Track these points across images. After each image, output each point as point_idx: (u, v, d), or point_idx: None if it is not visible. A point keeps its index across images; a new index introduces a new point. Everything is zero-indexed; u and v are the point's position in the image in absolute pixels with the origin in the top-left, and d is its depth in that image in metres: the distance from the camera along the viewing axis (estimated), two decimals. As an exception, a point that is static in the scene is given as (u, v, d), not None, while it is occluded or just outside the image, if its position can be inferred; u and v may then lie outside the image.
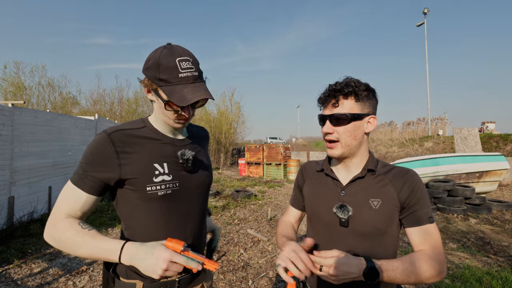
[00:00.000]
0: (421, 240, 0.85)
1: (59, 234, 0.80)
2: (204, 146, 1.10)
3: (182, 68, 0.81)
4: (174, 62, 0.80)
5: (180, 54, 0.82)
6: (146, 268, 0.75)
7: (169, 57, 0.81)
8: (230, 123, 18.54)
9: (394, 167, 0.94)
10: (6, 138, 4.31)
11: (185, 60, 0.82)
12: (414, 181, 0.88)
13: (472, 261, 3.35)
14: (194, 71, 0.83)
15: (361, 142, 0.91)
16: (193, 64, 0.84)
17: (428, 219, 0.86)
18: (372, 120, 0.91)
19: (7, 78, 13.60)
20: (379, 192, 0.88)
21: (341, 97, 0.88)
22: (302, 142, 39.47)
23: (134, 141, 0.89)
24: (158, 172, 0.88)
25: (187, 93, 0.81)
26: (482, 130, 19.30)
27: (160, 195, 0.88)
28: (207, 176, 1.04)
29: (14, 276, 3.02)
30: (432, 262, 0.79)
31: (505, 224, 4.96)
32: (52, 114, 5.53)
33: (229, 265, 3.33)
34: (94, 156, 0.83)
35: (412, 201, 0.86)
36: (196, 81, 0.84)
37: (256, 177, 12.54)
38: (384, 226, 0.87)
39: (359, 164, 0.94)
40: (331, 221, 0.91)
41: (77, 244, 0.79)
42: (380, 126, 22.09)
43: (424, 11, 20.35)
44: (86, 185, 0.83)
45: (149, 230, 0.90)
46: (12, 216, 4.39)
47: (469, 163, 6.62)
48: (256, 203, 6.80)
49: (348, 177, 0.95)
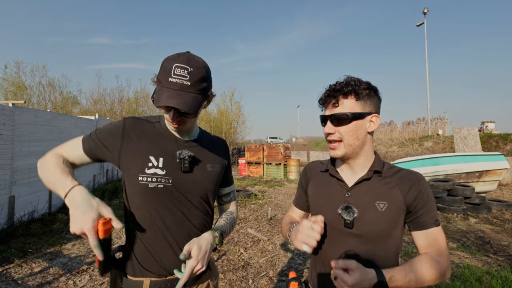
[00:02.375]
0: (427, 243, 0.85)
1: (46, 161, 0.92)
2: (215, 153, 1.10)
3: (175, 74, 0.83)
4: (171, 67, 0.83)
5: (182, 61, 0.84)
6: (71, 218, 0.76)
7: (171, 61, 0.85)
8: (230, 123, 18.57)
9: (401, 170, 0.92)
10: (7, 137, 4.31)
11: (182, 68, 0.83)
12: (421, 184, 0.87)
13: (472, 260, 3.36)
14: (186, 80, 0.83)
15: (364, 142, 0.90)
16: (189, 74, 0.84)
17: (434, 222, 0.85)
18: (374, 119, 0.89)
19: (7, 78, 13.63)
20: (385, 194, 0.87)
21: (341, 97, 0.86)
22: (302, 141, 39.49)
23: (142, 131, 0.97)
24: (151, 164, 0.92)
25: (164, 96, 0.83)
26: (482, 130, 19.31)
27: (150, 187, 0.91)
28: (208, 182, 1.02)
29: (15, 275, 3.03)
30: (436, 266, 0.80)
31: (504, 224, 4.98)
32: (53, 113, 5.55)
33: (229, 265, 3.34)
34: (107, 128, 0.97)
35: (418, 205, 0.85)
36: (182, 90, 0.84)
37: (256, 176, 12.56)
38: (389, 229, 0.86)
39: (364, 165, 0.92)
40: (336, 222, 0.90)
41: (50, 172, 0.88)
42: (380, 125, 22.04)
43: (424, 11, 20.38)
44: (87, 145, 0.95)
45: (141, 218, 0.94)
46: (13, 215, 4.40)
47: (469, 163, 6.63)
48: (256, 203, 6.81)
49: (353, 178, 0.93)
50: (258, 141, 36.67)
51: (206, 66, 0.90)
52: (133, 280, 0.92)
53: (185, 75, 0.84)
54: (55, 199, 5.56)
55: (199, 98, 0.88)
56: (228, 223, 1.09)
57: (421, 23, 20.91)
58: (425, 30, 20.62)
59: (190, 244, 0.85)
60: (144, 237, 0.93)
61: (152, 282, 0.91)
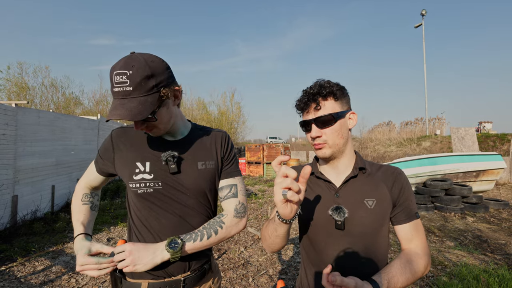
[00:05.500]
0: (410, 236, 0.87)
1: (72, 202, 1.09)
2: (207, 149, 1.03)
3: (116, 82, 0.78)
4: (112, 76, 0.79)
5: (119, 67, 0.78)
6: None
7: (112, 69, 0.80)
8: (230, 123, 18.61)
9: (382, 166, 0.94)
10: (10, 137, 4.34)
11: (120, 74, 0.77)
12: (402, 178, 0.90)
13: (469, 259, 3.39)
14: (127, 85, 0.78)
15: (347, 140, 0.91)
16: (129, 78, 0.77)
17: (415, 214, 0.89)
18: (352, 115, 0.91)
19: (10, 79, 13.68)
20: (373, 191, 0.88)
21: (321, 99, 0.87)
22: (301, 142, 39.44)
23: (128, 139, 0.99)
24: (138, 170, 0.93)
25: (111, 109, 0.81)
26: (479, 130, 19.32)
27: (140, 193, 0.92)
28: (201, 181, 0.98)
29: (18, 273, 3.06)
30: (425, 257, 0.84)
31: (501, 223, 5.02)
32: (55, 114, 5.57)
33: (230, 263, 3.38)
34: (103, 145, 1.03)
35: (402, 198, 0.88)
36: (126, 97, 0.79)
37: (256, 176, 12.60)
38: (379, 225, 0.86)
39: (348, 164, 0.93)
40: (326, 224, 0.89)
41: (73, 213, 1.06)
42: (378, 126, 22.20)
43: (422, 13, 20.51)
44: (97, 166, 1.05)
45: (138, 222, 0.97)
46: (16, 214, 4.43)
47: (466, 163, 6.67)
48: (256, 202, 6.85)
49: (339, 178, 0.93)
50: (258, 141, 36.67)
51: (152, 61, 0.82)
52: (132, 282, 0.93)
53: (125, 80, 0.77)
54: (57, 198, 5.59)
55: (148, 100, 0.80)
56: (203, 230, 0.94)
57: (419, 24, 21.04)
58: (423, 32, 20.83)
59: (127, 246, 0.87)
60: (141, 239, 0.94)
61: (150, 284, 0.91)
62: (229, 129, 18.53)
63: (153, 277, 0.92)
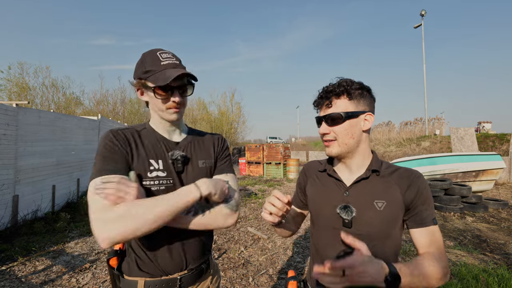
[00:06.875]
0: (427, 241, 0.84)
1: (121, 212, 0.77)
2: (206, 149, 1.08)
3: (163, 57, 0.91)
4: (156, 55, 0.91)
5: (160, 49, 0.94)
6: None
7: (150, 53, 0.93)
8: (230, 123, 18.62)
9: (399, 168, 0.92)
10: (11, 137, 4.35)
11: (165, 53, 0.93)
12: (419, 181, 0.87)
13: (468, 258, 3.41)
14: (175, 60, 0.93)
15: (360, 141, 0.91)
16: (174, 56, 0.94)
17: (432, 220, 0.85)
18: (368, 117, 0.90)
19: (11, 79, 13.69)
20: (384, 193, 0.87)
21: (333, 98, 0.88)
22: (301, 142, 39.47)
23: (134, 138, 0.98)
24: (153, 168, 0.94)
25: (169, 72, 0.89)
26: (479, 130, 19.36)
27: (153, 190, 0.92)
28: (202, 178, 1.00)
29: (18, 273, 3.07)
30: (440, 264, 0.78)
31: (501, 222, 5.03)
32: (56, 114, 5.58)
33: (230, 263, 3.39)
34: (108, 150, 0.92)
35: (418, 202, 0.85)
36: (177, 67, 0.92)
37: (256, 176, 12.61)
38: (388, 228, 0.85)
39: (362, 164, 0.93)
40: (334, 222, 0.90)
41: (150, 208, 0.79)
42: (378, 126, 22.17)
43: (421, 13, 20.53)
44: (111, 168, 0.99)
45: None
46: (17, 214, 4.44)
47: (465, 162, 6.69)
48: (256, 202, 6.86)
49: (351, 177, 0.93)
50: (258, 141, 36.70)
51: None
52: (129, 280, 0.94)
53: (171, 56, 0.93)
54: (58, 198, 5.60)
55: (189, 74, 0.94)
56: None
57: (419, 25, 21.05)
58: (422, 32, 20.84)
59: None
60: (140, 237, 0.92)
61: (147, 282, 0.92)
62: (229, 129, 18.56)
63: (150, 275, 0.93)
